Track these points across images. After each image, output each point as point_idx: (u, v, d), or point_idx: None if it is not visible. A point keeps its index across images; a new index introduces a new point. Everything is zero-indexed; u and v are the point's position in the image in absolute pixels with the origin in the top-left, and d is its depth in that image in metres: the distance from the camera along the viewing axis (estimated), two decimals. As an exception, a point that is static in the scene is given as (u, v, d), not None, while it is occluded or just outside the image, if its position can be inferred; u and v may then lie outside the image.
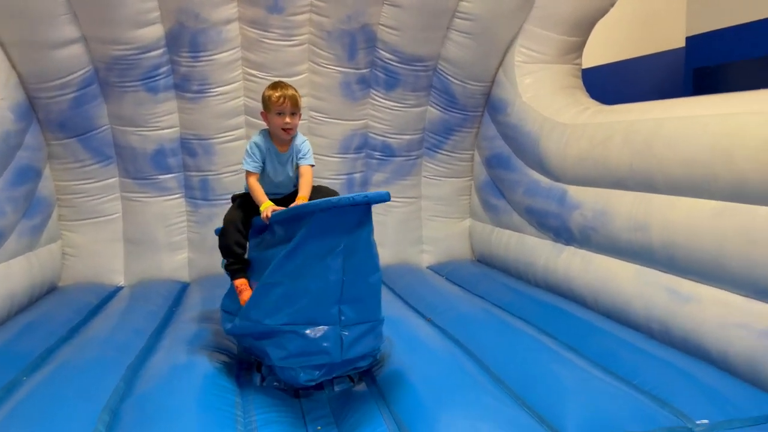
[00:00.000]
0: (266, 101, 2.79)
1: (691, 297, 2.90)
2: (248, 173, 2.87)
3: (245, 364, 2.85)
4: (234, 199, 3.06)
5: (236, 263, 2.86)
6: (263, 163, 2.88)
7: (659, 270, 3.14)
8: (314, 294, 2.33)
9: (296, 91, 2.79)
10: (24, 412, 2.30)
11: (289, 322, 2.37)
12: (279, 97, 2.72)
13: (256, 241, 2.89)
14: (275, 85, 2.80)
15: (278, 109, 2.73)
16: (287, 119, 2.73)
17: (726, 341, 2.68)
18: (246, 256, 2.91)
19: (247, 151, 2.87)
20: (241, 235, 2.87)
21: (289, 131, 2.78)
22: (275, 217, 2.64)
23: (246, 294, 2.74)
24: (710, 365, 2.71)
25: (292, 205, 2.63)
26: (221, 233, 2.95)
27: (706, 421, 2.25)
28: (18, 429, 2.17)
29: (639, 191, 3.25)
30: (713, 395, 2.41)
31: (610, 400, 2.36)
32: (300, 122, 2.89)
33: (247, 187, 2.89)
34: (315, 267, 2.30)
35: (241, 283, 2.80)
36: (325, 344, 2.33)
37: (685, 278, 2.97)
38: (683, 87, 5.73)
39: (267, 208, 2.70)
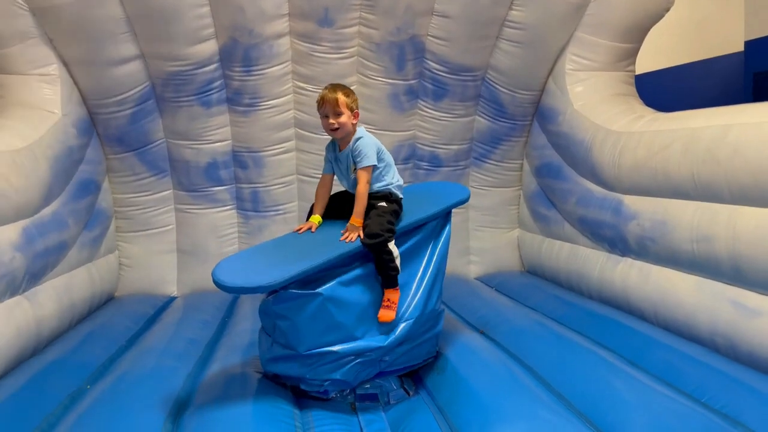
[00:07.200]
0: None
1: (759, 310, 2.78)
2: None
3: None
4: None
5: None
6: (331, 162, 2.90)
7: (723, 282, 3.02)
8: None
9: (342, 91, 2.74)
10: (91, 420, 2.36)
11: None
12: (319, 100, 2.78)
13: None
14: (324, 88, 2.81)
15: (320, 112, 2.78)
16: (330, 120, 2.74)
17: (799, 357, 2.56)
18: None
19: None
20: None
21: (335, 131, 2.77)
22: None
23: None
24: (781, 382, 2.59)
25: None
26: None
27: (780, 441, 2.15)
28: (86, 436, 2.23)
29: (702, 201, 3.14)
30: (787, 414, 2.30)
31: (676, 418, 2.28)
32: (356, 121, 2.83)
33: None
34: None
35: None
36: None
37: (752, 291, 2.86)
38: (743, 92, 5.53)
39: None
